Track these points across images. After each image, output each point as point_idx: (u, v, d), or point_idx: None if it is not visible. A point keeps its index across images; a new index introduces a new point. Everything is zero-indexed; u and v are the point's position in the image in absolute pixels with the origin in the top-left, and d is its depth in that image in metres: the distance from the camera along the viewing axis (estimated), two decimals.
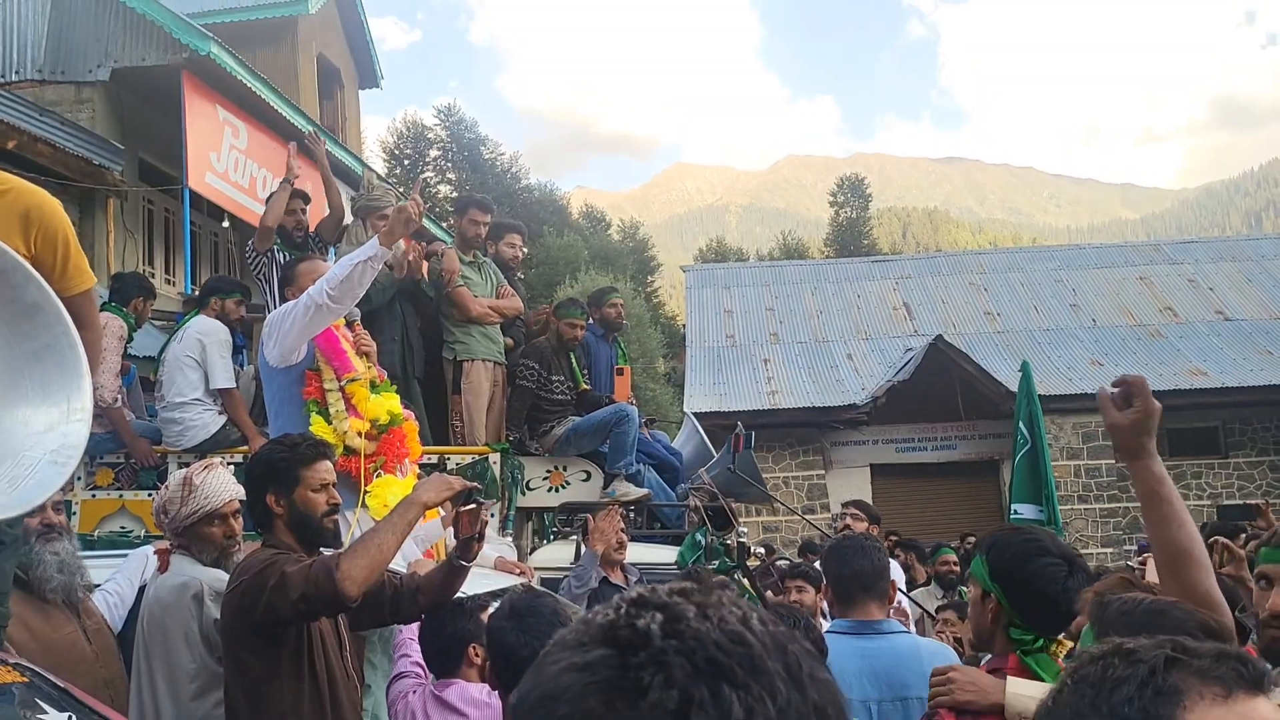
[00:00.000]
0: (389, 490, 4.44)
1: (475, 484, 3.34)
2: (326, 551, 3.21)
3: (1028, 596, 2.35)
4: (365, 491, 4.29)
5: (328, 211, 6.94)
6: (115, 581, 4.26)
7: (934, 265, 26.71)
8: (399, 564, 4.29)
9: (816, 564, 5.91)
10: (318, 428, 4.35)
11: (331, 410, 4.43)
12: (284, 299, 4.59)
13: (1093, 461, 20.06)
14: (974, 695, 2.27)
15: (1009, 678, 2.27)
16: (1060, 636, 2.41)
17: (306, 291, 4.24)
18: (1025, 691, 2.20)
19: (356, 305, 4.80)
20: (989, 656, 2.48)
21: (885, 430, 20.50)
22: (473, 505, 3.25)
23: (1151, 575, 2.68)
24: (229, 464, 5.29)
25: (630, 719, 0.62)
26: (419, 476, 5.08)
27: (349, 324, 4.87)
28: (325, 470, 3.27)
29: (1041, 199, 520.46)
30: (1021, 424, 6.20)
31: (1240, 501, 19.58)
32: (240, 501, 3.59)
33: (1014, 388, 7.22)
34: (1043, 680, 2.26)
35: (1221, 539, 4.11)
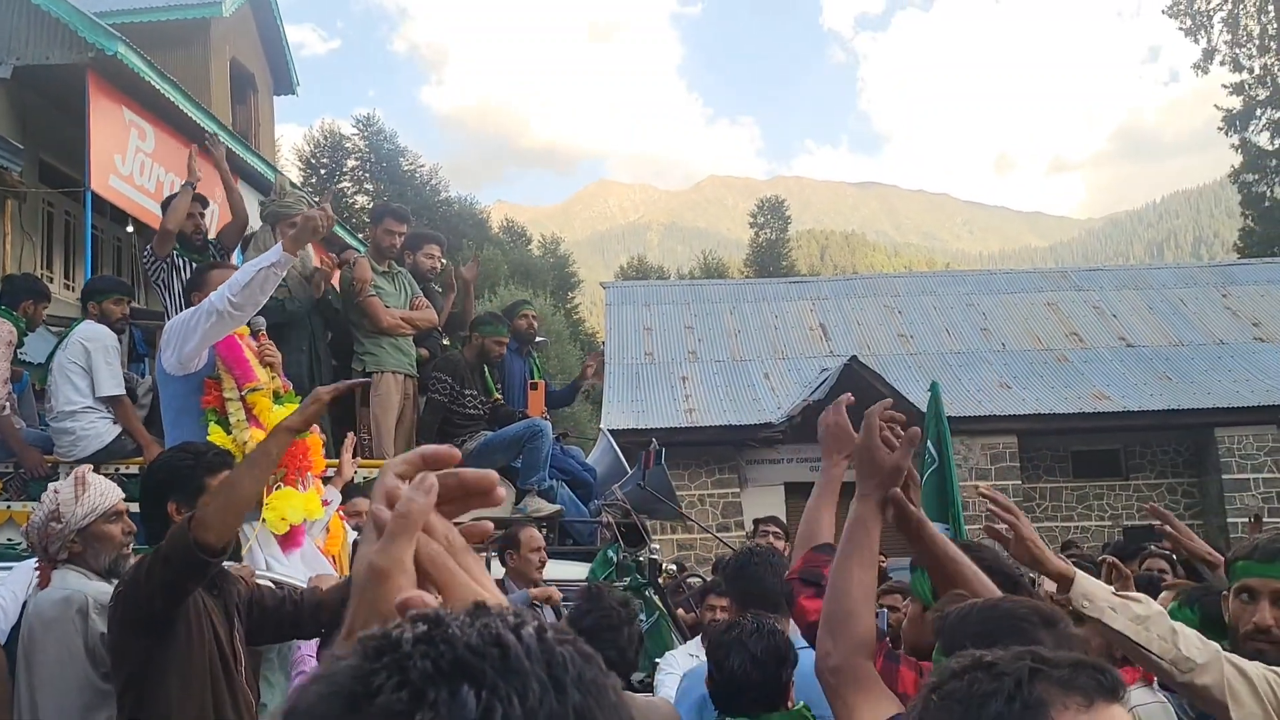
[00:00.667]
0: (288, 503, 4.31)
1: (363, 381, 3.32)
2: (227, 565, 3.11)
3: None
4: (264, 504, 4.16)
5: (230, 217, 6.75)
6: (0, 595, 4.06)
7: (850, 287, 27.10)
8: (301, 578, 4.16)
9: None
10: (216, 437, 4.21)
11: (231, 420, 4.30)
12: (190, 305, 4.44)
13: (1000, 482, 20.44)
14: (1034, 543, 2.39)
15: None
16: None
17: (208, 298, 4.12)
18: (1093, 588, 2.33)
19: (270, 317, 4.68)
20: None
21: (800, 449, 20.65)
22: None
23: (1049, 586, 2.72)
24: (123, 475, 5.10)
25: None
26: (323, 491, 4.95)
27: (254, 333, 4.73)
28: None
29: (955, 225, 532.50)
30: (930, 443, 6.27)
31: (1143, 522, 20.13)
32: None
33: (926, 409, 7.32)
34: None
35: (1109, 557, 4.22)
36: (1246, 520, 17.62)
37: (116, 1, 14.42)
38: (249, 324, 4.61)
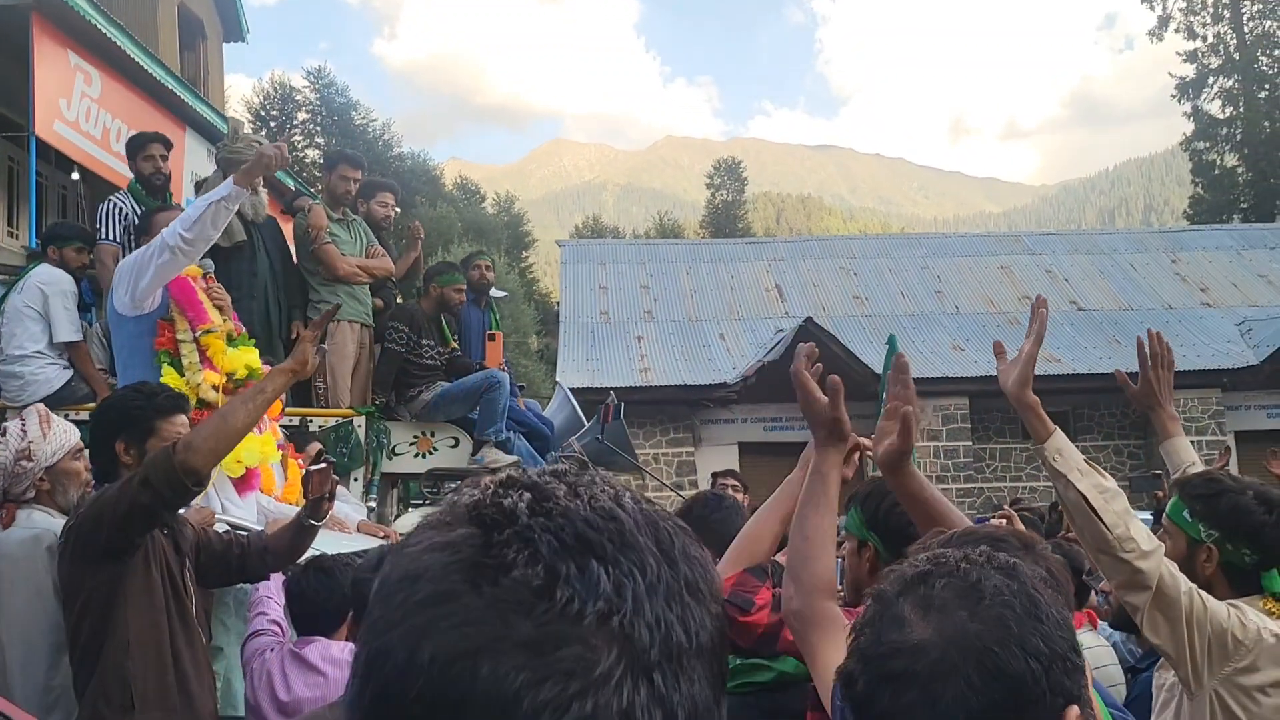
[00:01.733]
0: (245, 446, 4.26)
1: (334, 307, 3.34)
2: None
3: (904, 541, 2.35)
4: None
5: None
6: None
7: (806, 249, 27.17)
8: (255, 521, 4.11)
9: None
10: (169, 379, 4.15)
11: (185, 362, 4.25)
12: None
13: (951, 443, 20.73)
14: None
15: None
16: None
17: (159, 234, 4.04)
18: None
19: (217, 244, 4.60)
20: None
21: (754, 409, 20.78)
22: (322, 465, 3.21)
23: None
24: (74, 420, 5.01)
25: (494, 596, 0.59)
26: (279, 436, 4.89)
27: (203, 275, 4.65)
28: (181, 424, 3.16)
29: (911, 189, 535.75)
30: (884, 394, 6.31)
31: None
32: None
33: (879, 370, 7.36)
34: None
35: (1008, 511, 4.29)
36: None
37: None
38: (199, 265, 4.53)
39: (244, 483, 4.15)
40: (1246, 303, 23.44)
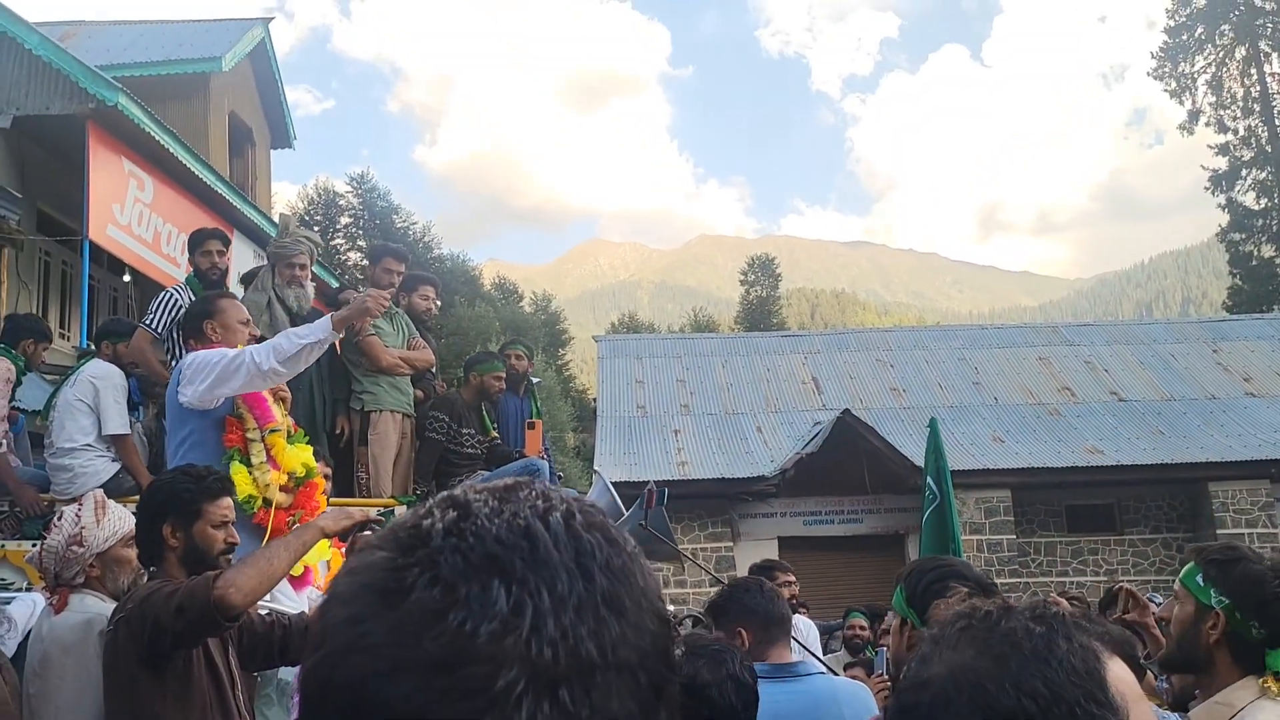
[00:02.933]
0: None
1: (376, 517, 3.28)
2: None
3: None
4: None
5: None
6: None
7: (842, 341, 27.18)
8: (294, 607, 4.12)
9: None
10: (240, 477, 4.17)
11: (254, 460, 4.24)
12: (199, 332, 4.39)
13: (994, 536, 20.39)
14: None
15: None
16: None
17: (249, 351, 4.09)
18: None
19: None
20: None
21: (793, 503, 20.60)
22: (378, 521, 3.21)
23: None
24: None
25: (398, 618, 0.61)
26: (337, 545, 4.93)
27: None
28: (227, 507, 3.17)
29: (945, 284, 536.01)
30: (930, 479, 6.27)
31: (1138, 578, 20.06)
32: None
33: (920, 463, 7.31)
34: None
35: (1126, 585, 4.18)
36: None
37: (118, 54, 14.61)
38: None
39: (300, 580, 4.19)
40: None
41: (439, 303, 7.24)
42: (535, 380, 7.81)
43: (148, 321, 6.02)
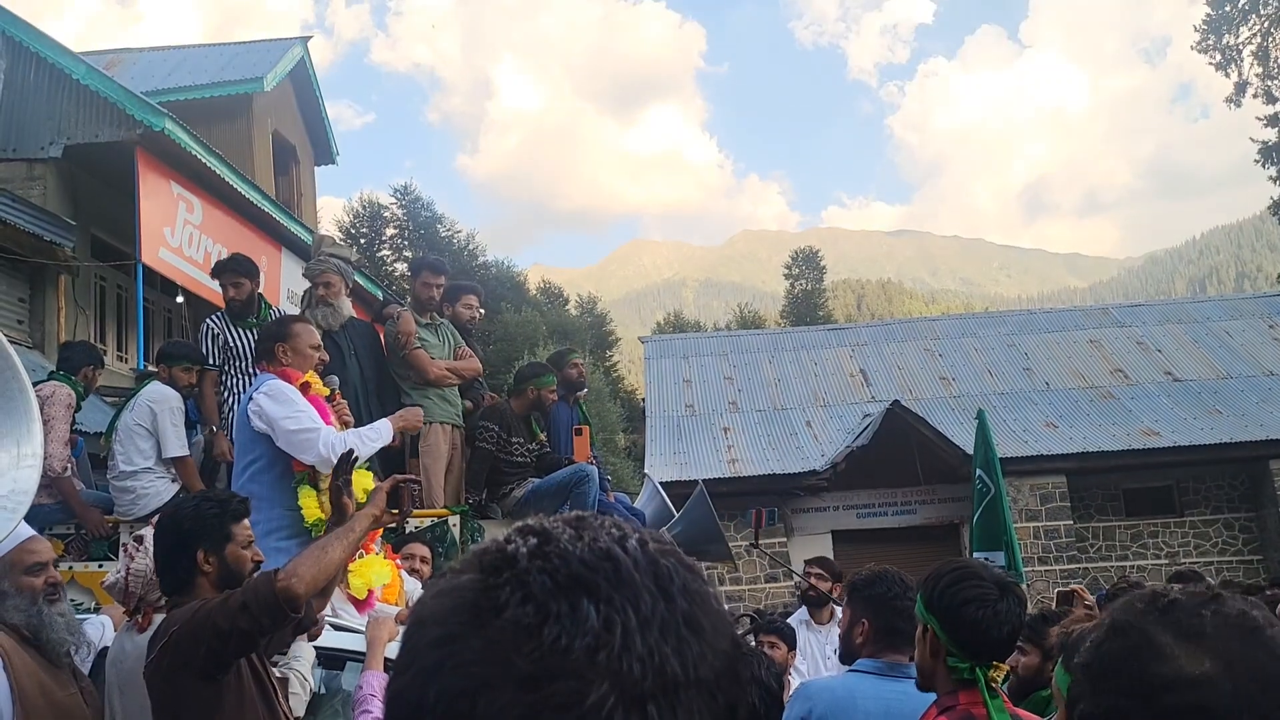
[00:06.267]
0: (371, 570, 4.36)
1: (413, 478, 3.48)
2: None
3: (959, 622, 2.36)
4: (347, 570, 4.21)
5: None
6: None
7: (889, 332, 27.01)
8: (360, 627, 4.20)
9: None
10: (307, 500, 4.26)
11: (322, 484, 4.32)
12: (271, 355, 4.48)
13: (1051, 523, 20.16)
14: None
15: None
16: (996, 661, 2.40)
17: (321, 435, 4.20)
18: None
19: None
20: (935, 697, 2.46)
21: (845, 496, 20.52)
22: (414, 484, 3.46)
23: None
24: None
25: (490, 636, 0.63)
26: (387, 545, 5.02)
27: (331, 394, 4.79)
28: (247, 528, 3.21)
29: (992, 269, 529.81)
30: (980, 470, 6.23)
31: (1201, 559, 19.74)
32: None
33: (971, 451, 7.25)
34: None
35: (1076, 586, 4.19)
36: None
37: (162, 80, 14.89)
38: (327, 383, 4.70)
39: (365, 603, 4.27)
40: None
41: (482, 311, 7.32)
42: (583, 390, 7.85)
43: (209, 362, 6.21)
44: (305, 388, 4.40)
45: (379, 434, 4.41)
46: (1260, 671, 0.96)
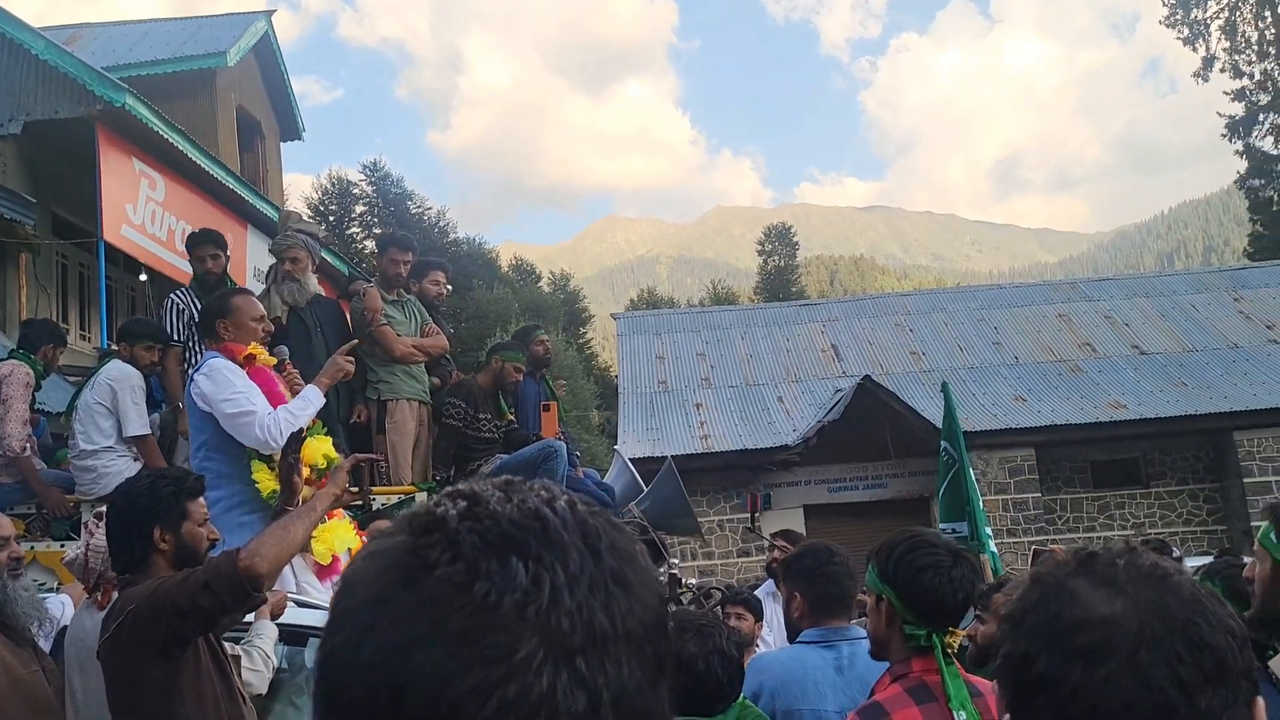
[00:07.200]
0: (335, 535, 4.36)
1: (374, 455, 3.46)
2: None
3: (915, 590, 2.39)
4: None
5: None
6: None
7: (860, 308, 27.11)
8: (322, 598, 4.18)
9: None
10: (260, 474, 4.23)
11: (274, 457, 4.31)
12: (213, 331, 4.45)
13: (1019, 495, 20.36)
14: None
15: None
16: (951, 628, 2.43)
17: (257, 418, 4.16)
18: None
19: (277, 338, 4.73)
20: (888, 665, 2.49)
21: (817, 471, 20.62)
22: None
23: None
24: None
25: (422, 594, 0.64)
26: (354, 521, 5.00)
27: (280, 364, 4.76)
28: (205, 505, 3.20)
29: (964, 245, 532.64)
30: (945, 442, 6.28)
31: (1167, 530, 20.00)
32: None
33: (940, 424, 7.32)
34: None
35: (1056, 548, 4.22)
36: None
37: (124, 55, 14.67)
38: (275, 354, 4.67)
39: (329, 569, 4.25)
40: None
41: (450, 287, 7.28)
42: (562, 382, 7.84)
43: (173, 338, 6.14)
44: (250, 360, 4.36)
45: (308, 402, 4.35)
46: (1165, 610, 1.00)
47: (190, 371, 5.21)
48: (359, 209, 41.33)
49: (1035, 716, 1.01)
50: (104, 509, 3.60)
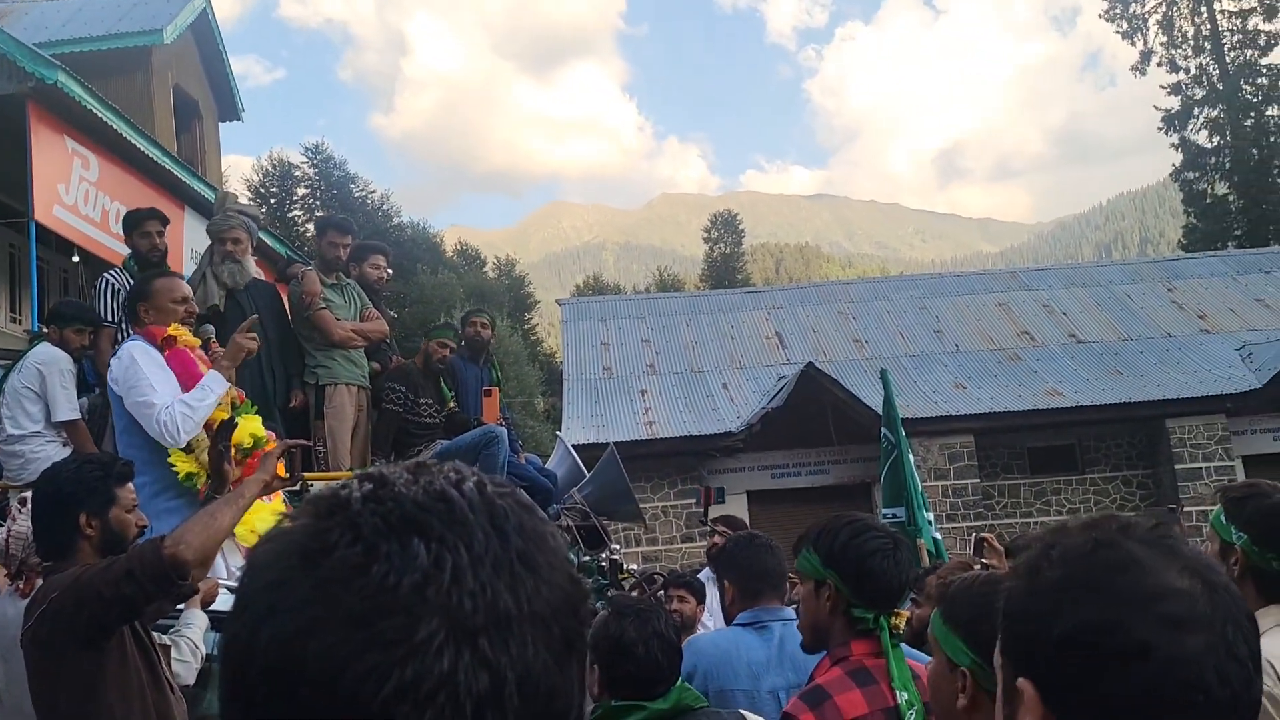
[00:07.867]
0: (257, 516, 4.28)
1: (304, 441, 3.40)
2: None
3: (863, 575, 2.40)
4: None
5: None
6: None
7: (804, 295, 27.31)
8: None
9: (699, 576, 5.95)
10: (177, 457, 4.15)
11: (195, 446, 4.23)
12: (135, 315, 4.38)
13: (959, 481, 20.67)
14: None
15: None
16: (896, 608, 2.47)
17: (156, 411, 4.05)
18: None
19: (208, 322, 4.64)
20: (824, 653, 2.51)
21: (760, 457, 20.77)
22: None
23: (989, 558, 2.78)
24: None
25: (319, 577, 0.63)
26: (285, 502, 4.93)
27: (204, 343, 4.68)
28: (134, 490, 3.14)
29: (908, 234, 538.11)
30: (885, 429, 6.35)
31: (1097, 515, 20.39)
32: None
33: (882, 412, 7.41)
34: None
35: (988, 535, 4.40)
36: (1201, 509, 17.95)
37: (56, 31, 14.32)
38: (201, 333, 4.59)
39: None
40: (1245, 327, 23.46)
41: (390, 271, 7.21)
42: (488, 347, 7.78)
43: (101, 315, 5.99)
44: (170, 341, 4.28)
45: (208, 390, 4.22)
46: (1228, 588, 1.00)
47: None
48: (300, 191, 40.81)
49: (1114, 687, 0.95)
50: (27, 494, 3.52)
